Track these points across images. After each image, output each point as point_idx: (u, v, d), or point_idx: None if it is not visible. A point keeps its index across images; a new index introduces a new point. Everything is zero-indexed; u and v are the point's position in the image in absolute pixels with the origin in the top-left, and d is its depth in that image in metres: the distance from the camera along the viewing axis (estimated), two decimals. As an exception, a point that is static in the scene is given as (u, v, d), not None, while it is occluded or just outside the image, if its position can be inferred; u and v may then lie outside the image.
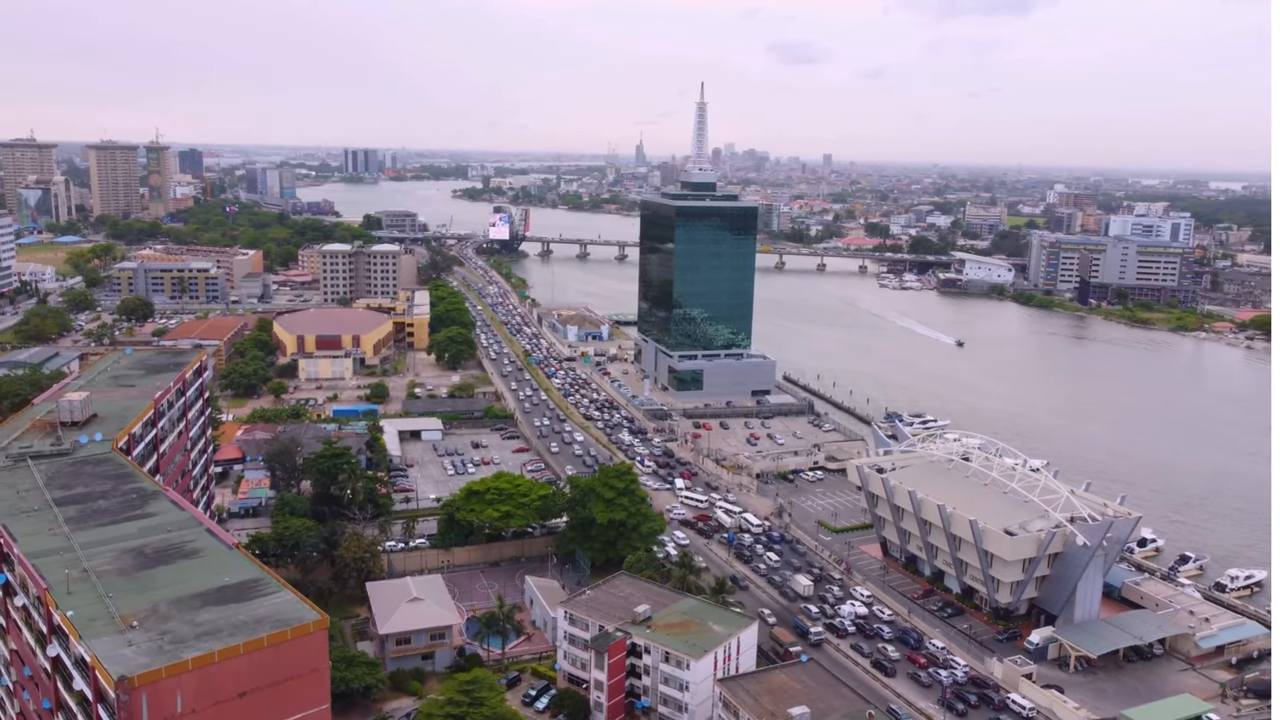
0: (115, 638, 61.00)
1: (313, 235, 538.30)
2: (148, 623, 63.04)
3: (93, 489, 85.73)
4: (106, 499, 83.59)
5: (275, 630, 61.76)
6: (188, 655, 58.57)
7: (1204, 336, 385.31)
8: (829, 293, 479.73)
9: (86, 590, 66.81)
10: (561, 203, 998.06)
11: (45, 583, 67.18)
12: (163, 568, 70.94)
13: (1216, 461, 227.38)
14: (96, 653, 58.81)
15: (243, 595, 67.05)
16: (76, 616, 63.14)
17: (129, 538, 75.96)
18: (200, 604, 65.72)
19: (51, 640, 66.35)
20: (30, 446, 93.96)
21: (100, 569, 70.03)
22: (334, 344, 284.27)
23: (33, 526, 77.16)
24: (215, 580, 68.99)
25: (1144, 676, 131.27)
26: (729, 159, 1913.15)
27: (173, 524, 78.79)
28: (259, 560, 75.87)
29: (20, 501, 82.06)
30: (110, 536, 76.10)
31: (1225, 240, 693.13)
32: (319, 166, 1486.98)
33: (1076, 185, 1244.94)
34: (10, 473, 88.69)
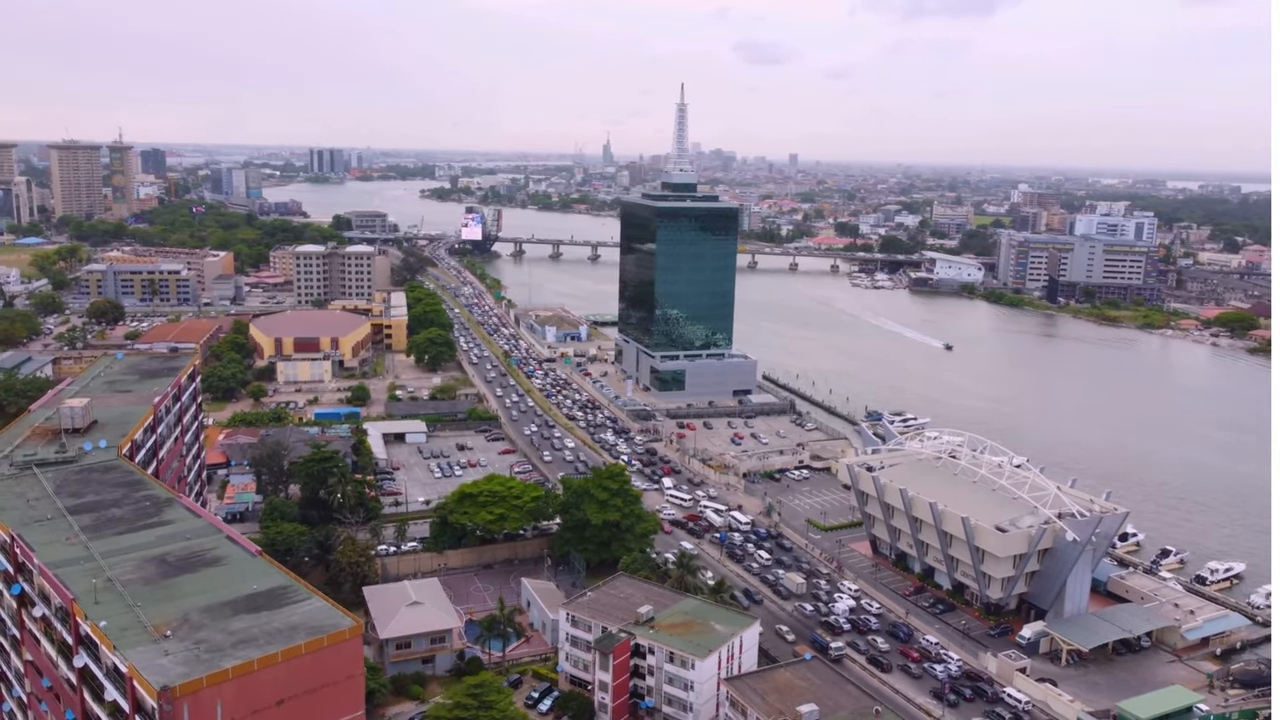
0: (150, 647, 60.49)
1: (282, 236, 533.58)
2: (180, 632, 62.58)
3: (104, 496, 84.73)
4: (120, 507, 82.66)
5: (312, 637, 61.57)
6: (227, 664, 58.29)
7: (1170, 334, 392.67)
8: (802, 292, 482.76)
9: (114, 600, 66.14)
10: (531, 203, 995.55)
11: (71, 593, 66.43)
12: (187, 576, 70.39)
13: (1189, 456, 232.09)
14: (134, 663, 58.34)
15: (273, 603, 66.72)
16: (109, 627, 62.52)
17: (148, 546, 75.22)
18: (231, 612, 65.33)
19: (78, 651, 65.63)
20: (35, 454, 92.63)
21: (124, 578, 69.32)
22: (312, 346, 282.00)
23: (49, 536, 76.17)
24: (243, 588, 68.58)
25: (1133, 669, 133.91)
26: (696, 159, 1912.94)
27: (191, 531, 78.12)
28: (285, 567, 75.45)
29: (31, 510, 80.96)
30: (130, 545, 75.31)
31: (1186, 239, 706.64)
32: (284, 166, 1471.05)
33: (1039, 185, 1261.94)
34: (17, 481, 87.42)
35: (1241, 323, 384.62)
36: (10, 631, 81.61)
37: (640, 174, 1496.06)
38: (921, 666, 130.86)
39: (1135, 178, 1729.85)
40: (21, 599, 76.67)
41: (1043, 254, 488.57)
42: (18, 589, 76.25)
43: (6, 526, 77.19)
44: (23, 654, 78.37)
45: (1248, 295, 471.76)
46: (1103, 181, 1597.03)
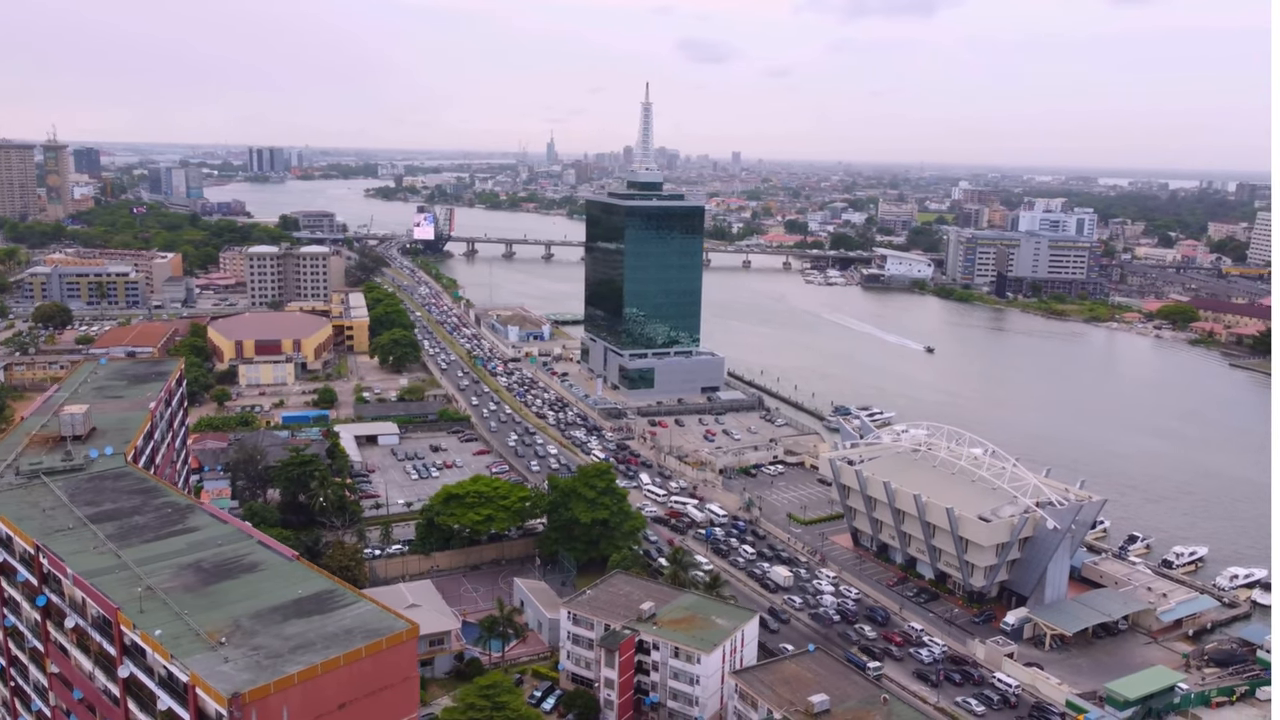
0: (208, 655, 59.82)
1: (229, 237, 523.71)
2: (235, 638, 61.98)
3: (122, 504, 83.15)
4: (141, 514, 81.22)
5: (371, 641, 61.45)
6: (291, 669, 57.91)
7: (1115, 327, 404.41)
8: (758, 290, 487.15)
9: (158, 609, 65.16)
10: (478, 201, 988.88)
11: (115, 603, 65.32)
12: (228, 582, 69.57)
13: (1145, 445, 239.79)
14: (196, 671, 57.68)
15: (323, 607, 66.33)
16: (162, 636, 61.62)
17: (180, 553, 74.13)
18: (282, 618, 64.81)
19: (123, 661, 64.57)
20: (41, 462, 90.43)
21: (164, 586, 68.28)
22: (274, 349, 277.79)
23: (76, 546, 74.61)
24: (288, 593, 68.03)
25: (1113, 651, 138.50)
26: (641, 157, 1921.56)
27: (222, 538, 77.13)
28: (326, 572, 74.90)
29: (50, 520, 79.19)
30: (161, 553, 74.13)
31: (1121, 234, 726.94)
32: (221, 166, 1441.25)
33: (977, 182, 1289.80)
34: (28, 490, 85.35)
35: (1182, 315, 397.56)
36: (30, 644, 79.81)
37: (586, 172, 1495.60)
38: (905, 650, 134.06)
39: (1068, 175, 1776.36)
40: (48, 610, 75.11)
41: (990, 250, 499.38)
42: (43, 600, 74.66)
43: (29, 537, 75.47)
44: (47, 667, 76.71)
45: (1185, 289, 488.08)
46: (1037, 178, 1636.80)
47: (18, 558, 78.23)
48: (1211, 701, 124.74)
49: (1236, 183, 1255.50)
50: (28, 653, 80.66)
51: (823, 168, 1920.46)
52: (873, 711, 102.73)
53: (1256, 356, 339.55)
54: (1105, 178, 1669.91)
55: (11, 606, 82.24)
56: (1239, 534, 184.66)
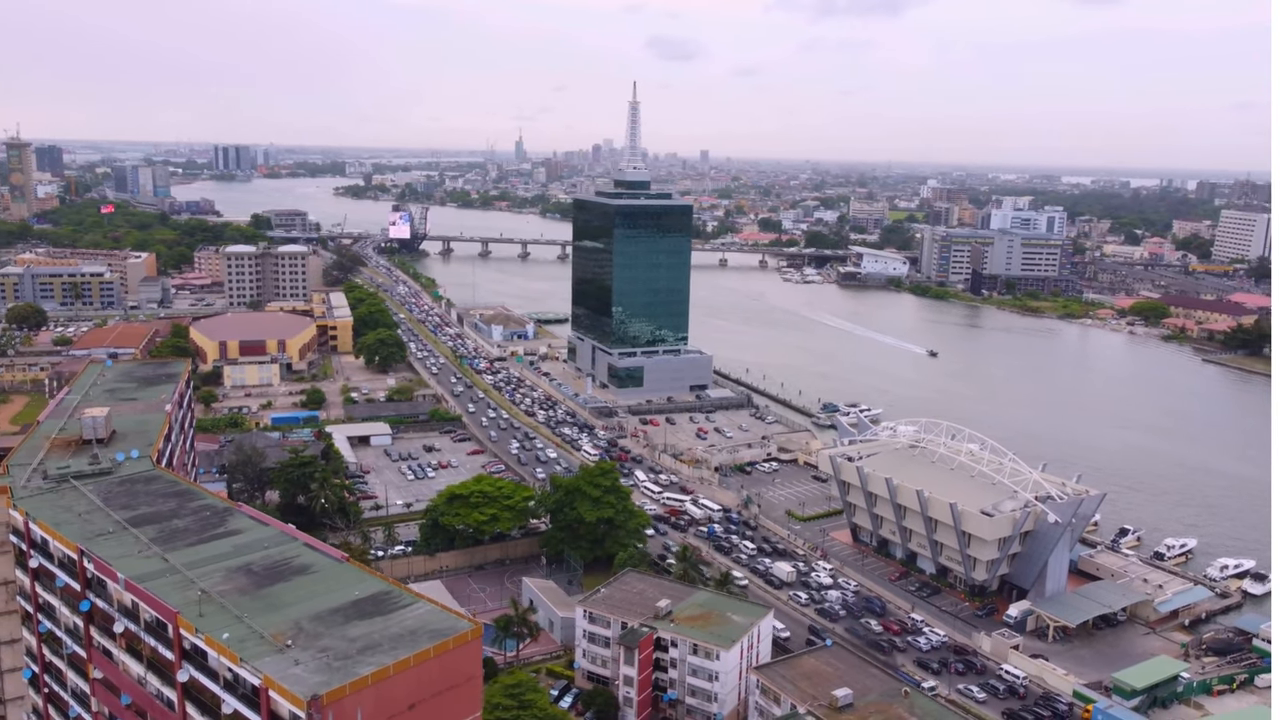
0: (277, 658, 59.58)
1: (202, 236, 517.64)
2: (300, 640, 61.77)
3: (159, 508, 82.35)
4: (180, 517, 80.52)
5: (438, 641, 61.52)
6: (364, 670, 57.87)
7: (1090, 323, 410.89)
8: (736, 288, 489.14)
9: (217, 612, 64.73)
10: (450, 200, 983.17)
11: (173, 606, 64.82)
12: (281, 585, 69.21)
13: (1127, 440, 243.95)
14: (269, 674, 57.47)
15: (383, 608, 66.23)
16: (230, 639, 61.25)
17: (228, 556, 73.64)
18: (343, 619, 64.61)
19: (182, 665, 64.09)
20: (68, 466, 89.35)
21: (218, 590, 67.85)
22: (258, 349, 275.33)
23: (120, 550, 73.84)
24: (345, 594, 67.82)
25: (1114, 642, 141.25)
26: (608, 155, 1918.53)
27: (268, 540, 76.70)
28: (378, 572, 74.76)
29: (88, 524, 78.32)
30: (208, 556, 73.57)
31: (1088, 232, 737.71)
32: (186, 164, 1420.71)
33: (944, 181, 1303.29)
34: (59, 494, 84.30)
35: (1154, 311, 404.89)
36: (69, 650, 78.87)
37: (555, 171, 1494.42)
38: (905, 640, 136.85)
39: (1032, 173, 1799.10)
40: (91, 616, 74.31)
41: (964, 248, 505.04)
42: (87, 605, 73.85)
43: (72, 542, 74.61)
44: (90, 673, 75.89)
45: (1155, 285, 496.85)
46: (1002, 177, 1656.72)
47: (56, 563, 77.36)
48: (1213, 690, 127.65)
49: (1196, 181, 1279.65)
50: (66, 658, 79.73)
51: (791, 166, 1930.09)
52: (894, 704, 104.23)
53: (1228, 352, 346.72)
54: (1068, 176, 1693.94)
55: (46, 611, 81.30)
56: (1225, 526, 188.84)
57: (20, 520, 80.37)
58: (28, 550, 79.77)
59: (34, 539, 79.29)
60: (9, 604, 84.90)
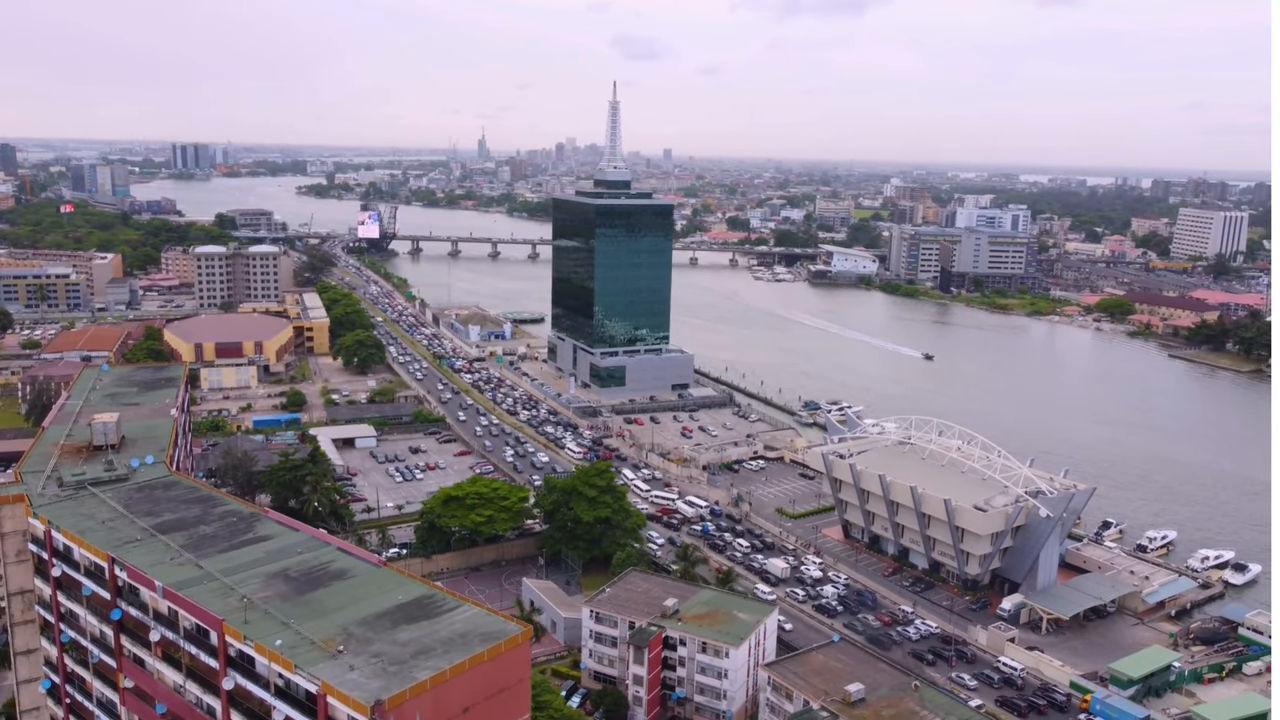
0: (330, 664, 59.29)
1: (167, 236, 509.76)
2: (350, 646, 61.53)
3: (183, 514, 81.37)
4: (206, 523, 79.66)
5: (490, 644, 61.57)
6: (421, 675, 57.77)
7: (1057, 320, 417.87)
8: (709, 287, 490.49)
9: (261, 618, 64.23)
10: (415, 199, 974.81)
11: (219, 614, 64.20)
12: (321, 590, 68.80)
13: (1102, 434, 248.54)
14: (327, 679, 57.22)
15: (429, 612, 66.09)
16: (282, 646, 60.80)
17: (262, 562, 73.02)
18: (391, 624, 64.43)
19: (227, 673, 63.50)
20: (84, 473, 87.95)
21: (258, 596, 67.33)
22: (235, 351, 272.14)
23: (151, 557, 72.93)
24: (388, 599, 67.58)
25: (1105, 633, 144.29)
26: (572, 153, 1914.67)
27: (299, 545, 76.12)
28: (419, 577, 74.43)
29: (113, 532, 77.24)
30: (242, 562, 72.91)
31: (1050, 230, 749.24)
32: (143, 162, 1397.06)
33: (905, 179, 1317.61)
34: (78, 501, 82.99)
35: (1119, 308, 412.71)
36: (96, 659, 77.73)
37: (520, 169, 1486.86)
38: (897, 630, 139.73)
39: (990, 172, 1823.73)
40: (121, 624, 73.32)
41: (933, 246, 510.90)
42: (118, 614, 72.85)
43: (101, 550, 73.59)
44: (120, 682, 74.87)
45: (1118, 282, 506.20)
46: (962, 175, 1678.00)
47: (83, 571, 76.27)
48: (1204, 678, 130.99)
49: (1151, 180, 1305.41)
50: (92, 668, 78.58)
51: (754, 165, 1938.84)
52: (905, 698, 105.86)
53: (1193, 347, 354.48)
54: (1026, 174, 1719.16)
55: (69, 620, 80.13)
56: (1203, 518, 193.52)
57: (41, 528, 79.13)
58: (50, 559, 78.58)
59: (56, 547, 78.14)
60: (26, 613, 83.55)
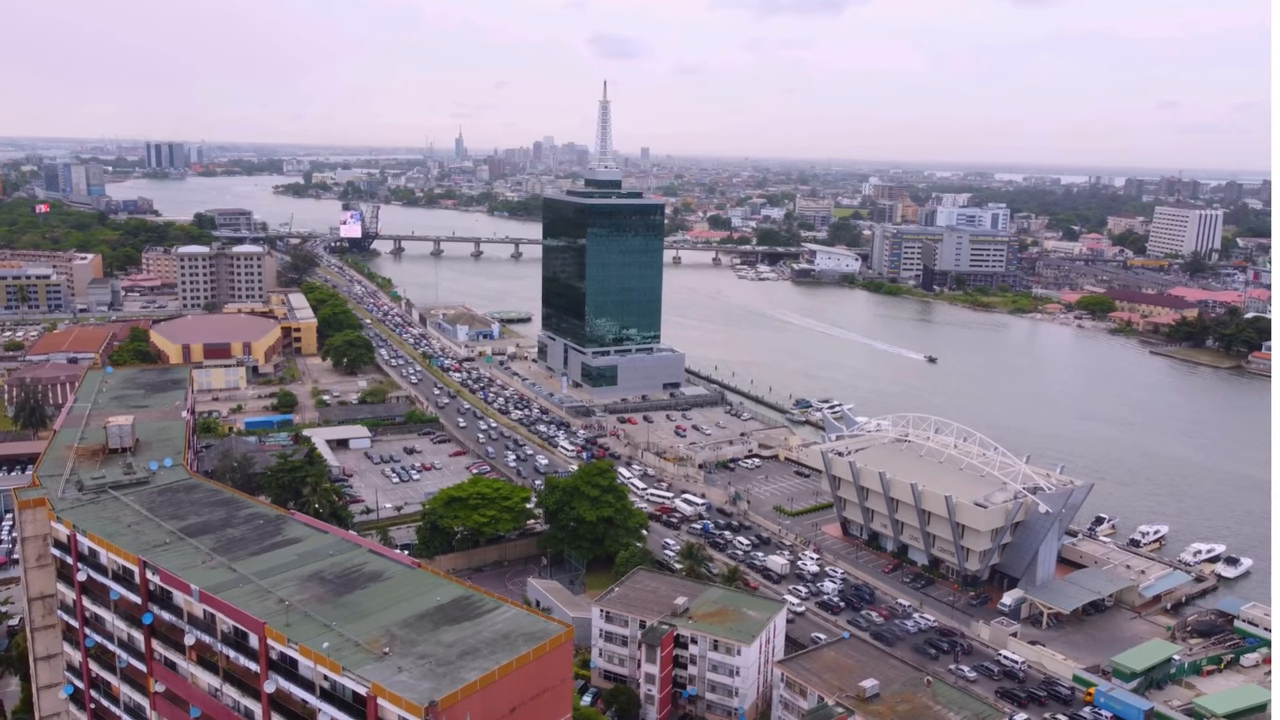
0: (378, 665, 59.24)
1: (146, 236, 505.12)
2: (396, 648, 61.50)
3: (208, 517, 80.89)
4: (233, 526, 79.25)
5: (535, 645, 61.75)
6: (470, 676, 57.85)
7: (1039, 317, 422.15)
8: (693, 286, 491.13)
9: (302, 621, 64.05)
10: (394, 198, 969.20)
11: (260, 617, 63.98)
12: (359, 592, 68.65)
13: (1090, 431, 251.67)
14: (377, 681, 57.20)
15: (469, 613, 66.13)
16: (330, 648, 60.69)
17: (295, 565, 72.72)
18: (432, 625, 64.41)
19: (268, 676, 63.30)
20: (103, 476, 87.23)
21: (296, 599, 67.12)
22: (223, 352, 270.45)
23: (182, 560, 72.50)
24: (427, 600, 67.53)
25: (1104, 626, 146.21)
26: (550, 152, 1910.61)
27: (331, 547, 75.93)
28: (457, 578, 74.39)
29: (140, 535, 76.66)
30: (275, 565, 72.58)
31: (1028, 228, 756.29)
32: (116, 161, 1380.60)
33: (882, 178, 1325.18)
34: (100, 505, 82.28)
35: (1100, 306, 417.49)
36: (124, 663, 77.12)
37: (498, 168, 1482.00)
38: (900, 624, 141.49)
39: (965, 171, 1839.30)
40: (153, 628, 72.85)
41: (915, 245, 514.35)
42: (149, 618, 72.38)
43: (131, 554, 73.05)
44: (150, 686, 74.40)
45: (1097, 280, 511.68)
46: (938, 174, 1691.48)
47: (110, 575, 75.70)
48: (1203, 670, 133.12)
49: (1125, 179, 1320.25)
50: (119, 673, 78.01)
51: (731, 164, 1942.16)
52: (919, 693, 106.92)
53: (1173, 344, 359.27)
54: (1001, 173, 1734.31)
55: (94, 625, 79.52)
56: (1193, 512, 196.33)
57: (65, 532, 78.49)
58: (75, 563, 77.96)
59: (81, 551, 77.54)
60: (47, 618, 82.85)
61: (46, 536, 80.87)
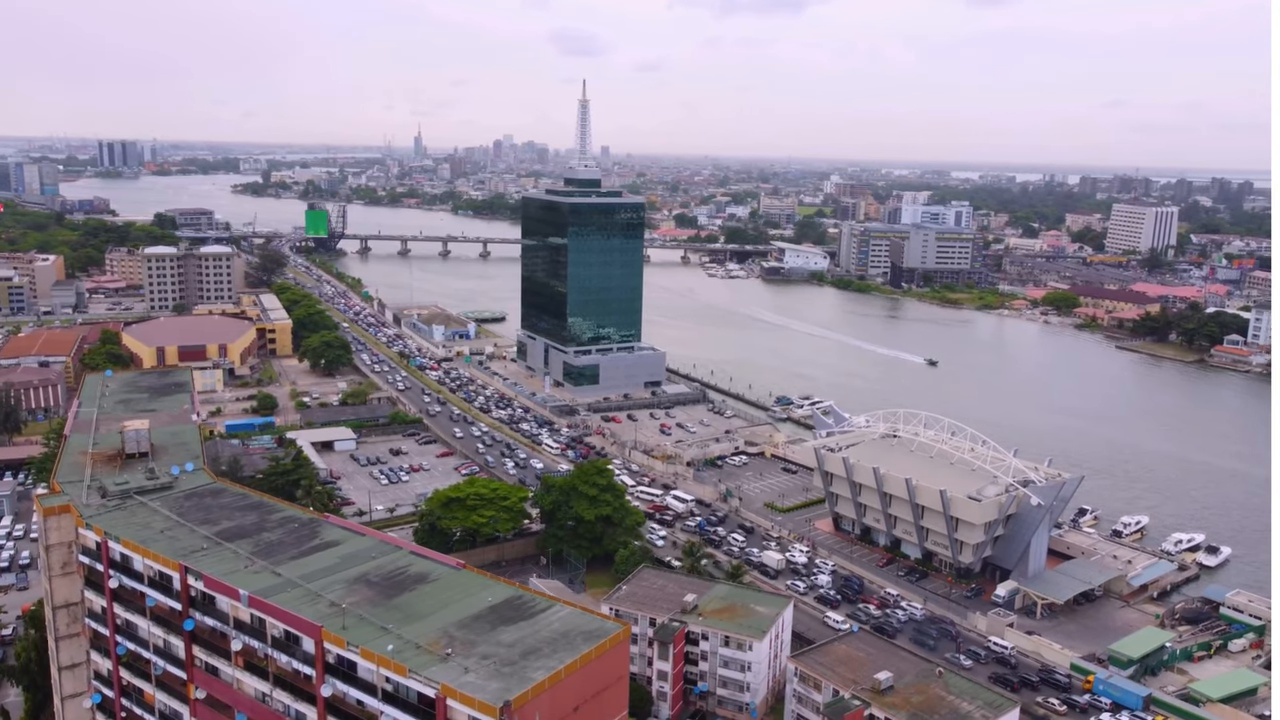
0: (443, 667, 59.18)
1: (106, 237, 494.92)
2: (456, 649, 61.51)
3: (241, 521, 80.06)
4: (267, 530, 78.50)
5: (596, 643, 62.13)
6: (537, 675, 58.10)
7: (1006, 313, 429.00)
8: (665, 284, 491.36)
9: (357, 624, 63.84)
10: (355, 197, 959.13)
11: (315, 620, 63.58)
12: (408, 594, 68.46)
13: (1063, 424, 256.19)
14: (446, 682, 57.19)
15: (523, 613, 66.28)
16: (393, 650, 60.49)
17: (339, 568, 72.29)
18: (489, 626, 64.47)
19: (325, 679, 62.93)
20: (127, 482, 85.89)
21: (347, 602, 66.79)
22: (198, 355, 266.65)
23: (223, 565, 71.75)
24: (479, 601, 67.54)
25: (1095, 615, 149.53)
26: (510, 150, 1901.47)
27: (372, 549, 75.55)
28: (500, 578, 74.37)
29: (175, 541, 75.70)
30: (318, 569, 72.07)
31: (988, 225, 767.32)
32: (67, 160, 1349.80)
33: (843, 176, 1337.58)
34: (126, 511, 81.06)
35: (1065, 301, 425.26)
36: (160, 670, 76.15)
37: (459, 167, 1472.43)
38: (889, 613, 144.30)
39: (922, 169, 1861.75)
40: (194, 634, 72.06)
41: (883, 242, 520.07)
42: (191, 624, 71.58)
43: (171, 560, 72.18)
44: (191, 693, 73.53)
45: (1061, 276, 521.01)
46: (895, 172, 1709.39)
47: (146, 582, 74.70)
48: (1194, 656, 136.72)
49: (1079, 176, 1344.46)
50: (154, 680, 76.97)
51: (692, 162, 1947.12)
52: (931, 684, 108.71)
53: (1138, 339, 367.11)
54: (957, 171, 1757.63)
55: (126, 632, 78.40)
56: (1170, 503, 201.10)
57: (94, 539, 77.34)
58: (105, 570, 76.86)
59: (113, 558, 76.46)
60: (71, 626, 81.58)
61: (71, 544, 79.61)
